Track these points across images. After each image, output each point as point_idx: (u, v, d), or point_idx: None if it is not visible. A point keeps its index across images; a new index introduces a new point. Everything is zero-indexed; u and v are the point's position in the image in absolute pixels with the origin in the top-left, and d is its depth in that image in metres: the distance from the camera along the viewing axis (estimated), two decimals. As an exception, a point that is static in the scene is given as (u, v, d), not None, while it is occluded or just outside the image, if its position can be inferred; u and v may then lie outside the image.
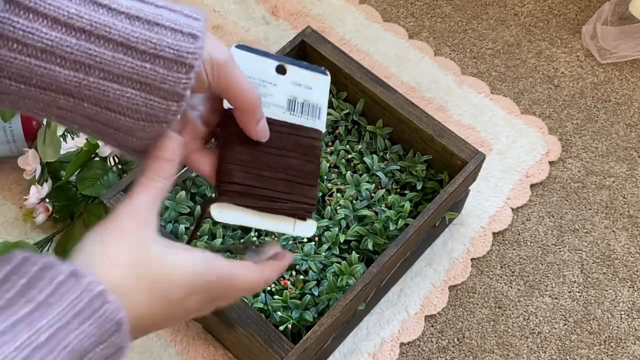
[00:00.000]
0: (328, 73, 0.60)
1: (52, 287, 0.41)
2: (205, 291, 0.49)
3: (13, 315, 0.40)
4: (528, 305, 0.94)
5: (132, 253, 0.46)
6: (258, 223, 0.57)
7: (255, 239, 0.87)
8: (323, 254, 0.86)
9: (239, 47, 0.57)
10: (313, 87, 0.59)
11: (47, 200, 0.93)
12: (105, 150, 0.91)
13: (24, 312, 0.40)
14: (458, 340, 0.92)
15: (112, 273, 0.45)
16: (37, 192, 0.92)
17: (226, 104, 0.55)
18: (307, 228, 0.59)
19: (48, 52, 0.42)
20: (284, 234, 0.87)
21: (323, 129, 0.60)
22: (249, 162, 0.56)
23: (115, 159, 0.95)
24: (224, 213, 0.55)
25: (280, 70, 0.58)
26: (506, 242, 0.99)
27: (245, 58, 0.56)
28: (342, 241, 0.87)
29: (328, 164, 0.92)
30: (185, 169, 0.92)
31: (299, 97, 0.59)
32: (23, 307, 0.40)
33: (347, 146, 0.95)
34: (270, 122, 0.57)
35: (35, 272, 0.42)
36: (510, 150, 1.05)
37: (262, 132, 0.55)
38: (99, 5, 0.43)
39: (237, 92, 0.51)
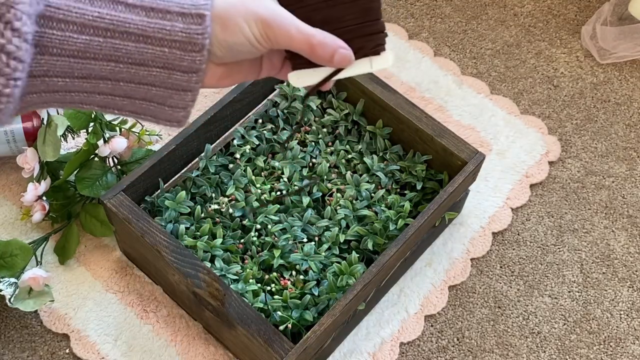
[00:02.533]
0: None
1: None
2: None
3: None
4: (528, 305, 0.94)
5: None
6: (335, 74, 0.59)
7: (255, 239, 0.87)
8: (323, 254, 0.86)
9: None
10: None
11: (44, 198, 0.93)
12: (104, 150, 0.91)
13: None
14: (458, 340, 0.92)
15: None
16: (34, 189, 0.92)
17: None
18: (384, 60, 0.59)
19: (82, 52, 0.51)
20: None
21: None
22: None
23: (115, 159, 0.95)
24: (301, 77, 0.59)
25: None
26: (506, 242, 0.99)
27: None
28: (342, 241, 0.87)
29: (328, 164, 0.93)
30: (185, 169, 0.93)
31: None
32: None
33: (347, 146, 0.95)
34: None
35: None
36: (509, 150, 1.05)
37: (341, 61, 0.57)
38: (118, 3, 0.51)
39: (292, 45, 0.55)
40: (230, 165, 0.92)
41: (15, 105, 0.50)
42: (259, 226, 0.88)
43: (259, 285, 0.84)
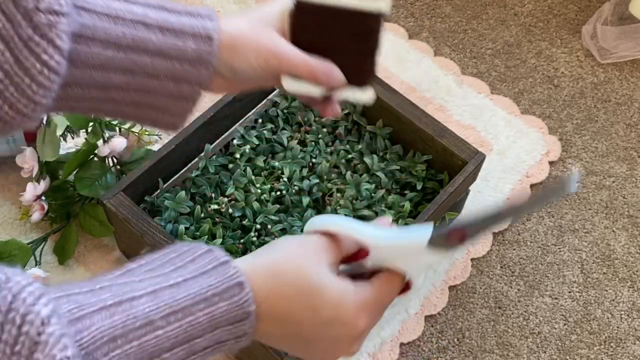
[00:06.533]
0: None
1: (205, 267, 0.53)
2: (347, 323, 0.56)
3: (170, 280, 0.52)
4: (528, 306, 0.94)
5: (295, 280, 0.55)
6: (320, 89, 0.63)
7: (255, 239, 0.87)
8: (323, 254, 0.86)
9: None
10: None
11: (43, 198, 0.93)
12: (104, 150, 0.91)
13: (179, 280, 0.53)
14: (458, 340, 0.92)
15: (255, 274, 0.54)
16: (33, 189, 0.91)
17: None
18: (364, 94, 0.63)
19: (104, 65, 0.57)
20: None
21: (385, 10, 0.60)
22: (309, 48, 0.62)
23: (114, 159, 0.95)
24: (293, 83, 0.62)
25: None
26: (506, 242, 0.99)
27: None
28: (342, 241, 0.87)
29: (328, 164, 0.92)
30: (185, 168, 0.92)
31: None
32: (178, 277, 0.53)
33: (347, 146, 0.94)
34: (328, 8, 0.60)
35: (199, 254, 0.54)
36: (510, 150, 1.05)
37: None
38: (137, 22, 0.57)
39: (293, 69, 0.61)
40: (230, 165, 0.92)
41: (42, 112, 0.55)
42: (258, 226, 0.87)
43: (259, 285, 0.84)
